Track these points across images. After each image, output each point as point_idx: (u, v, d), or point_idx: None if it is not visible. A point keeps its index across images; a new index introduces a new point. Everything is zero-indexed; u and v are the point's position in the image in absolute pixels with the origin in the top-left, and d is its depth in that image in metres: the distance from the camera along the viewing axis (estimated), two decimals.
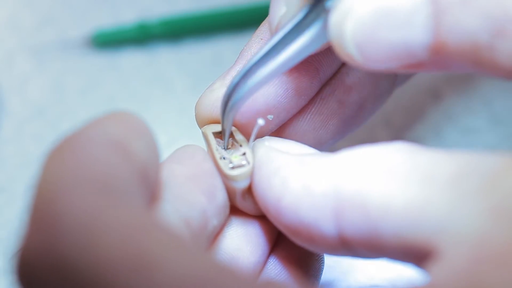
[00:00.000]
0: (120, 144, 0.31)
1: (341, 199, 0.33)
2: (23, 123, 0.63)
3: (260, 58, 0.37)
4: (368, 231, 0.32)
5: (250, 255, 0.39)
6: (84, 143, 0.30)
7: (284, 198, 0.35)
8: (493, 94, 0.62)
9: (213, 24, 0.67)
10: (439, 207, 0.30)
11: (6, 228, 0.57)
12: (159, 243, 0.27)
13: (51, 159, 0.30)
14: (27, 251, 0.28)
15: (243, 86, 0.37)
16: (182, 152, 0.38)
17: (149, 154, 0.32)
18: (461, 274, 0.28)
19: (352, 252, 0.34)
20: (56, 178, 0.29)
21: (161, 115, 0.64)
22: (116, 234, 0.27)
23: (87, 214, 0.28)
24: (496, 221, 0.28)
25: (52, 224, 0.28)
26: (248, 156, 0.38)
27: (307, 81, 0.41)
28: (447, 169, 0.31)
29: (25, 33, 0.68)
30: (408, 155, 0.32)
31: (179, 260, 0.27)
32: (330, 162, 0.34)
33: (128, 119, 0.33)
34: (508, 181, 0.29)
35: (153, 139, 0.33)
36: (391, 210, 0.31)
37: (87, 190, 0.28)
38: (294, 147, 0.39)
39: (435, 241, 0.30)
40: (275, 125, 0.41)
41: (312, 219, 0.34)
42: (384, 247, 0.32)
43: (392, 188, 0.31)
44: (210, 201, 0.37)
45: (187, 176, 0.37)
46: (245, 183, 0.38)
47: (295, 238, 0.35)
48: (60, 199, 0.28)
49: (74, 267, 0.27)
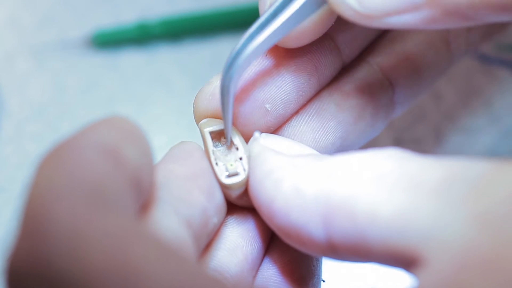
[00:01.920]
0: (112, 151, 0.31)
1: (330, 205, 0.33)
2: (23, 123, 0.63)
3: (256, 28, 0.38)
4: (355, 237, 0.32)
5: (247, 252, 0.39)
6: (75, 150, 0.30)
7: (276, 200, 0.35)
8: (493, 94, 0.62)
9: (213, 24, 0.67)
10: (425, 215, 0.30)
11: (6, 228, 0.57)
12: (145, 252, 0.27)
13: (43, 166, 0.30)
14: (16, 257, 0.28)
15: (241, 55, 0.37)
16: (178, 151, 0.38)
17: (142, 159, 0.32)
18: (445, 280, 0.29)
19: (340, 256, 0.34)
20: (46, 185, 0.29)
21: (161, 115, 0.64)
22: (103, 243, 0.27)
23: (75, 222, 0.28)
24: (481, 228, 0.29)
25: (40, 231, 0.28)
26: (244, 162, 0.38)
27: (306, 77, 0.41)
28: (434, 176, 0.31)
29: (25, 33, 0.68)
30: (398, 162, 0.32)
31: (166, 270, 0.27)
32: (322, 166, 0.35)
33: (121, 124, 0.33)
34: (493, 189, 0.29)
35: (146, 143, 0.33)
36: (378, 218, 0.31)
37: (76, 198, 0.28)
38: (290, 145, 0.39)
39: (421, 248, 0.30)
40: (273, 119, 0.41)
41: (302, 223, 0.34)
42: (371, 253, 0.32)
43: (380, 195, 0.32)
44: (209, 200, 0.37)
45: (185, 176, 0.37)
46: (240, 190, 0.38)
47: (287, 240, 0.36)
48: (49, 207, 0.28)
49: (60, 275, 0.27)
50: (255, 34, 0.38)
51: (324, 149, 0.42)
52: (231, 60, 0.37)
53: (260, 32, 0.38)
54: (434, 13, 0.35)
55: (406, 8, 0.35)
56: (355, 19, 0.36)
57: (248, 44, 0.37)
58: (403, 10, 0.35)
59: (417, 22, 0.36)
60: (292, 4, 0.38)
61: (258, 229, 0.40)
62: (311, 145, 0.41)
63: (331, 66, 0.42)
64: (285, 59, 0.41)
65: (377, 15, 0.36)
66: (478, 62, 0.64)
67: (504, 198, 0.29)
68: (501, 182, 0.29)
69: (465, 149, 0.60)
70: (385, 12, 0.36)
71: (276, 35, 0.38)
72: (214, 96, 0.40)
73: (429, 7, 0.35)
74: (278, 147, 0.38)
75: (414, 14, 0.35)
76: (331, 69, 0.42)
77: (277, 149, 0.38)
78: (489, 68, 0.63)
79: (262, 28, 0.38)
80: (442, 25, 0.36)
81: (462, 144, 0.60)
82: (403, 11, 0.35)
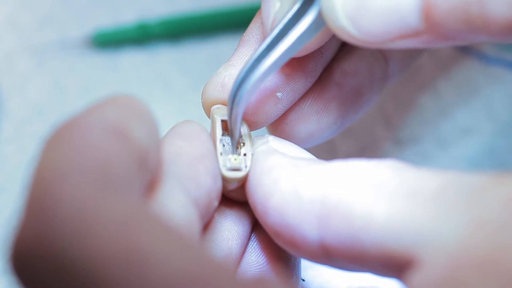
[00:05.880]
0: (120, 129, 0.30)
1: (327, 207, 0.33)
2: (23, 123, 0.63)
3: (262, 51, 0.38)
4: (349, 240, 0.32)
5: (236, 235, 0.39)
6: (82, 129, 0.30)
7: (272, 198, 0.35)
8: (493, 94, 0.62)
9: (213, 24, 0.67)
10: (421, 219, 0.30)
11: (6, 228, 0.57)
12: (153, 236, 0.27)
13: (49, 145, 0.30)
14: (21, 238, 0.28)
15: (248, 80, 0.38)
16: (186, 129, 0.38)
17: (150, 138, 0.32)
18: (440, 281, 0.29)
19: (332, 262, 0.34)
20: (52, 166, 0.29)
21: (161, 115, 0.64)
22: (110, 227, 0.27)
23: (82, 204, 0.27)
24: (476, 231, 0.29)
25: (46, 213, 0.28)
26: (248, 159, 0.38)
27: (313, 64, 0.41)
28: (431, 186, 0.31)
29: (25, 33, 0.68)
30: (397, 172, 0.33)
31: (173, 255, 0.27)
32: (322, 170, 0.35)
33: (128, 102, 0.32)
34: (488, 196, 0.30)
35: (154, 122, 0.33)
36: (373, 221, 0.31)
37: (83, 179, 0.28)
38: (294, 150, 0.39)
39: (416, 250, 0.30)
40: (283, 106, 0.41)
41: (297, 223, 0.34)
42: (365, 257, 0.32)
43: (376, 201, 0.32)
44: (214, 183, 0.37)
45: (194, 156, 0.37)
46: (237, 185, 0.39)
47: (278, 240, 0.36)
48: (55, 188, 0.28)
49: (66, 258, 0.27)
50: (263, 56, 0.38)
51: (326, 128, 0.42)
52: (239, 83, 0.38)
53: (267, 55, 0.38)
54: (433, 38, 0.35)
55: (406, 34, 0.35)
56: (354, 43, 0.36)
57: (257, 67, 0.38)
58: (402, 36, 0.35)
59: (416, 45, 0.36)
60: (298, 26, 0.38)
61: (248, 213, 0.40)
62: (314, 126, 0.42)
63: (334, 48, 0.43)
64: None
65: (376, 41, 0.36)
66: (478, 62, 0.64)
67: (499, 205, 0.29)
68: (497, 191, 0.30)
69: (465, 149, 0.60)
70: (384, 38, 0.36)
71: (283, 57, 0.38)
72: (224, 88, 0.40)
73: (428, 34, 0.35)
74: (285, 149, 0.38)
75: (414, 40, 0.36)
76: (333, 51, 0.43)
77: (283, 151, 0.38)
78: (489, 68, 0.63)
79: (269, 50, 0.38)
80: (440, 45, 0.36)
81: (462, 143, 0.60)
82: (402, 37, 0.36)
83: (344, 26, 0.36)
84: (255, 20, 0.42)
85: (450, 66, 0.64)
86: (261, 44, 0.38)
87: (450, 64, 0.64)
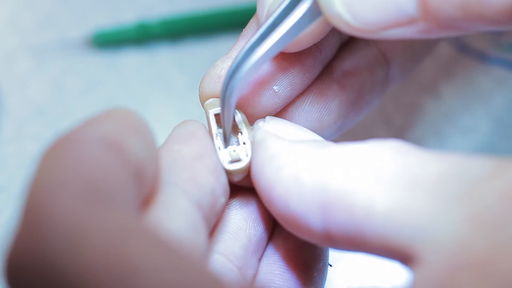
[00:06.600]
0: (115, 142, 0.30)
1: (328, 196, 0.33)
2: (23, 123, 0.63)
3: (255, 41, 0.38)
4: (352, 230, 0.32)
5: (250, 235, 0.39)
6: (77, 142, 0.30)
7: (276, 188, 0.35)
8: (493, 94, 0.62)
9: (213, 24, 0.67)
10: (421, 213, 0.30)
11: (6, 227, 0.57)
12: (144, 250, 0.27)
13: (44, 160, 0.30)
14: (15, 252, 0.28)
15: (241, 69, 0.38)
16: (182, 130, 0.38)
17: (147, 150, 0.32)
18: (440, 281, 0.29)
19: (336, 246, 0.34)
20: (46, 179, 0.29)
21: (161, 115, 0.64)
22: (102, 241, 0.27)
23: (74, 219, 0.28)
24: (476, 230, 0.29)
25: (38, 226, 0.28)
26: (248, 147, 0.38)
27: (311, 60, 0.41)
28: (433, 173, 0.31)
29: (25, 33, 0.68)
30: (398, 156, 0.33)
31: (164, 269, 0.27)
32: (322, 155, 0.35)
33: (124, 116, 0.32)
34: (490, 188, 0.29)
35: (150, 135, 0.33)
36: (374, 212, 0.31)
37: (76, 192, 0.28)
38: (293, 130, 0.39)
39: (416, 246, 0.30)
40: (281, 101, 0.41)
41: (301, 212, 0.34)
42: (367, 246, 0.32)
43: (377, 189, 0.32)
44: (217, 180, 0.37)
45: (192, 156, 0.36)
46: (242, 176, 0.38)
47: (286, 226, 0.36)
48: (48, 201, 0.28)
49: (58, 272, 0.27)
50: (256, 45, 0.38)
51: (327, 128, 0.42)
52: (231, 73, 0.38)
53: (260, 44, 0.38)
54: (429, 26, 0.35)
55: (401, 22, 0.35)
56: (350, 31, 0.36)
57: (249, 56, 0.38)
58: (397, 24, 0.35)
59: (412, 34, 0.36)
60: (291, 15, 0.38)
61: (261, 211, 0.40)
62: (315, 125, 0.42)
63: (333, 46, 0.43)
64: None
65: (372, 29, 0.36)
66: (478, 62, 0.64)
67: (499, 198, 0.29)
68: (498, 180, 0.29)
69: (465, 149, 0.60)
70: (380, 26, 0.36)
71: (276, 47, 0.38)
72: (221, 79, 0.40)
73: (424, 21, 0.35)
74: (282, 131, 0.38)
75: (409, 28, 0.35)
76: (333, 49, 0.43)
77: (280, 134, 0.38)
78: (489, 68, 0.63)
79: (262, 40, 0.38)
80: (436, 36, 0.36)
81: (462, 144, 0.60)
82: (397, 25, 0.35)
83: (340, 13, 0.36)
84: (256, 15, 0.42)
85: (451, 67, 0.64)
86: (254, 34, 0.38)
87: (450, 64, 0.64)
